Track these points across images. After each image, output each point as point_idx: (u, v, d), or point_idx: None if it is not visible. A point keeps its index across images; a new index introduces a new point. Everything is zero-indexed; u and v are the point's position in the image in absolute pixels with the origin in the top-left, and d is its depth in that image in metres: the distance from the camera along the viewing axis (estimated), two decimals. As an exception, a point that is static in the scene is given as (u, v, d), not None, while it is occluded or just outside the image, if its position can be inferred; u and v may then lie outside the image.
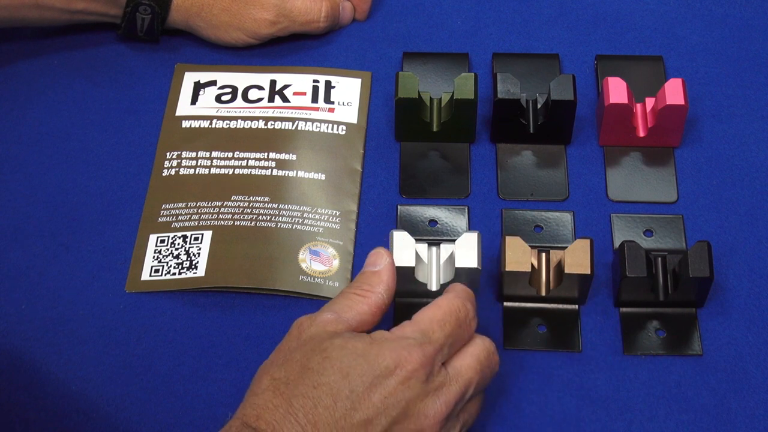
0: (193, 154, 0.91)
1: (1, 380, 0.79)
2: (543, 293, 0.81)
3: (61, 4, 0.92)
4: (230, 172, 0.90)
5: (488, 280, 0.84)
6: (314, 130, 0.92)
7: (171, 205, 0.88)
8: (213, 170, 0.90)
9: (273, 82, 0.95)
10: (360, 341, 0.69)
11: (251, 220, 0.87)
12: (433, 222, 0.87)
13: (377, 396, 0.67)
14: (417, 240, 0.80)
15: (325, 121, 0.93)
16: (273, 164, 0.90)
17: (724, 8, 1.00)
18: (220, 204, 0.88)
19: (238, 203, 0.88)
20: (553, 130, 0.90)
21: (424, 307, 0.73)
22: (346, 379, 0.67)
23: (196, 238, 0.86)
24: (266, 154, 0.91)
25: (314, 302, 0.83)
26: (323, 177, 0.90)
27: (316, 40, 0.99)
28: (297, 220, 0.87)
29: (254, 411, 0.67)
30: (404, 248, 0.79)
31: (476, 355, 0.72)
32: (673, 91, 0.87)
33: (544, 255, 0.81)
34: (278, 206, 0.88)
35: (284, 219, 0.87)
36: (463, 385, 0.70)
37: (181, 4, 0.94)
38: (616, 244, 0.86)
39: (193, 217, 0.87)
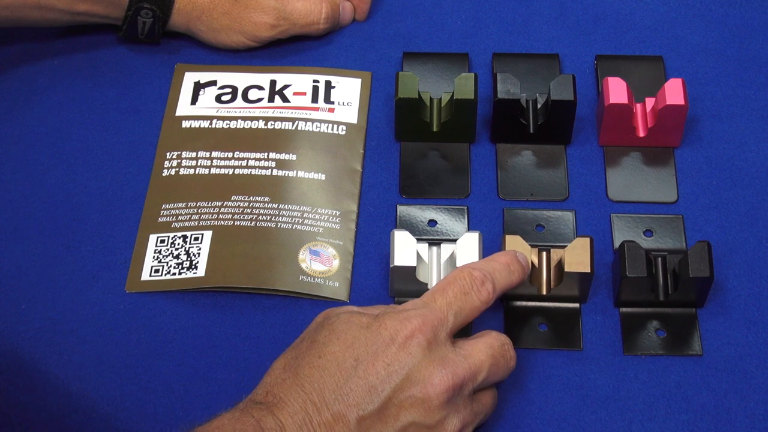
0: (193, 154, 0.91)
1: (1, 380, 0.79)
2: (544, 292, 0.81)
3: (62, 6, 0.92)
4: (230, 172, 0.90)
5: (488, 280, 0.84)
6: (314, 130, 0.92)
7: (171, 205, 0.88)
8: (213, 170, 0.90)
9: (273, 82, 0.95)
10: (365, 316, 0.71)
11: (251, 220, 0.87)
12: (432, 222, 0.87)
13: (380, 363, 0.68)
14: (417, 240, 0.80)
15: (325, 121, 0.93)
16: (273, 164, 0.90)
17: (724, 8, 1.00)
18: (220, 204, 0.88)
19: (238, 203, 0.88)
20: (553, 130, 0.90)
21: None
22: (350, 348, 0.68)
23: (196, 238, 0.86)
24: (266, 154, 0.91)
25: (314, 302, 0.83)
26: (323, 177, 0.90)
27: (316, 40, 0.99)
28: (297, 220, 0.87)
29: (264, 389, 0.69)
30: (405, 248, 0.79)
31: (489, 343, 0.73)
32: (673, 91, 0.87)
33: (544, 254, 0.81)
34: (278, 206, 0.88)
35: (284, 219, 0.87)
36: (473, 365, 0.71)
37: (182, 8, 0.94)
38: (616, 244, 0.86)
39: (193, 217, 0.87)
